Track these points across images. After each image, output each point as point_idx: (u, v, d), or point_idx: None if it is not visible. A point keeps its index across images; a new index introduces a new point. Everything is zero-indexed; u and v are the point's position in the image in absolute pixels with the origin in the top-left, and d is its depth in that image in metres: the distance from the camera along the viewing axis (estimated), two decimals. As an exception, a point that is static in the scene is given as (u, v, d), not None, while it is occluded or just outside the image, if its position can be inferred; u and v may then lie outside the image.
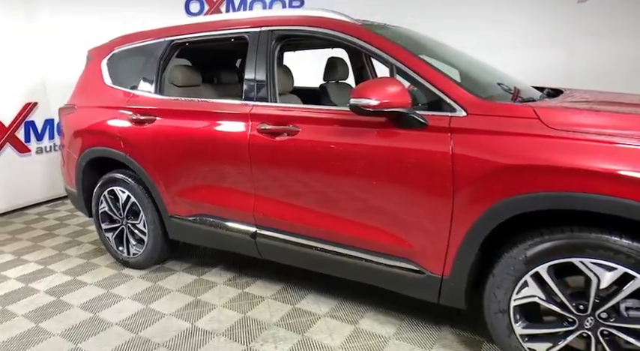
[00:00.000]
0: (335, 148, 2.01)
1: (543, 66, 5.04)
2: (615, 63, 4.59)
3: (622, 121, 1.55)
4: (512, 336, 1.76)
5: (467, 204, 1.73)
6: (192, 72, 3.01)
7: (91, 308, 2.60)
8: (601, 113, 1.65)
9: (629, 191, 1.42)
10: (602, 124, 1.54)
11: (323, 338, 2.19)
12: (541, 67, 5.04)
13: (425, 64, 1.90)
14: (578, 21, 4.77)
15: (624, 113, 1.63)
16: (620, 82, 4.45)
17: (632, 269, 1.48)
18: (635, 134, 1.46)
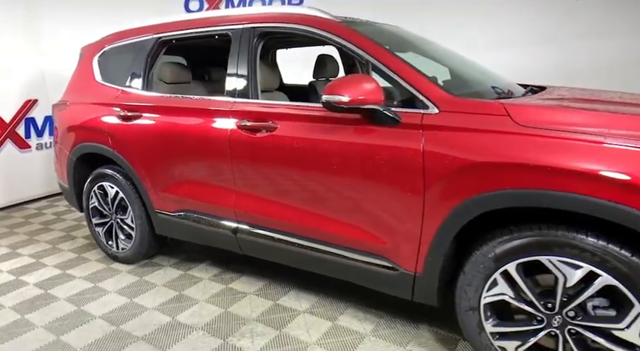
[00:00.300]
0: (311, 145, 2.02)
1: (543, 64, 5.00)
2: (614, 62, 4.54)
3: (589, 118, 1.54)
4: (482, 334, 1.76)
5: (437, 201, 1.73)
6: (181, 69, 3.04)
7: (76, 301, 2.64)
8: (569, 111, 1.64)
9: (594, 189, 1.41)
10: (570, 122, 1.53)
11: (300, 334, 2.20)
12: (541, 65, 5.00)
13: (400, 61, 1.90)
14: (577, 19, 4.71)
15: (592, 110, 1.62)
16: (620, 80, 4.41)
17: (597, 267, 1.47)
18: (601, 132, 1.45)
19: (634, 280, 1.41)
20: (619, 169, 1.38)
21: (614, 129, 1.45)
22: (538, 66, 5.04)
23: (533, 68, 5.02)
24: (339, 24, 2.09)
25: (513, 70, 5.05)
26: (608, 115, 1.57)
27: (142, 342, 2.19)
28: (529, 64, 4.99)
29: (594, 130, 1.46)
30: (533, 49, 5.00)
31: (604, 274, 1.46)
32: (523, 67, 4.86)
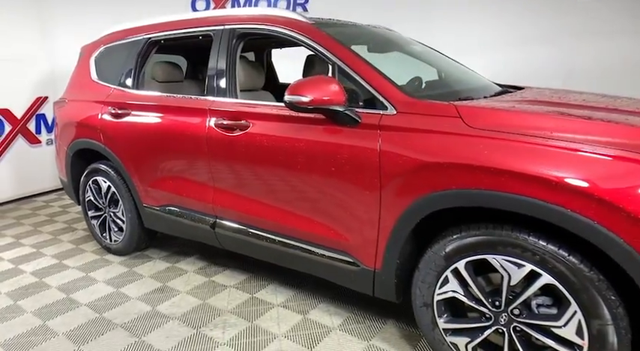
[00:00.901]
0: (279, 144, 2.09)
1: (540, 64, 4.96)
2: (613, 61, 4.47)
3: (536, 121, 1.56)
4: (436, 329, 1.80)
5: (392, 199, 1.78)
6: (173, 68, 3.14)
7: (66, 289, 2.78)
8: (518, 113, 1.66)
9: (532, 190, 1.44)
10: (517, 124, 1.56)
11: (270, 326, 2.28)
12: (538, 65, 4.96)
13: (363, 64, 1.95)
14: (576, 18, 4.65)
15: (542, 113, 1.64)
16: (619, 80, 4.34)
17: (538, 267, 1.50)
18: (545, 134, 1.48)
19: (571, 280, 1.44)
20: (557, 171, 1.40)
21: (559, 132, 1.47)
22: (539, 65, 5.00)
23: (535, 67, 4.98)
24: (310, 26, 2.16)
25: (512, 70, 5.05)
26: (555, 118, 1.59)
27: (121, 329, 2.30)
28: (530, 63, 4.95)
29: (539, 133, 1.49)
30: (532, 49, 4.96)
31: (544, 273, 1.49)
32: (525, 66, 4.82)
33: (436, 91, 2.31)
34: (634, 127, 1.47)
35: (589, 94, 2.18)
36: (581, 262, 1.43)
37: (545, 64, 4.92)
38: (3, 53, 4.77)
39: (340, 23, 2.50)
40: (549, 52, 4.87)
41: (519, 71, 5.08)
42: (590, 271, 1.42)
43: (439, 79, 2.75)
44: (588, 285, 1.41)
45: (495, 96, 2.17)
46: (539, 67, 4.95)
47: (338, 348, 2.07)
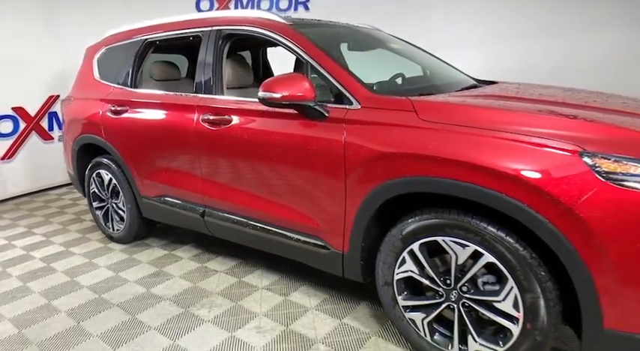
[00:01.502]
0: (258, 137, 2.27)
1: (537, 58, 5.03)
2: (610, 54, 4.52)
3: (477, 114, 1.70)
4: (396, 307, 1.96)
5: (355, 187, 1.94)
6: (169, 67, 3.34)
7: (71, 273, 3.01)
8: (463, 107, 1.80)
9: (475, 177, 1.58)
10: (462, 117, 1.70)
11: (252, 306, 2.46)
12: (534, 60, 5.03)
13: (333, 62, 2.11)
14: (572, 13, 4.71)
15: (482, 107, 1.77)
16: (616, 73, 4.40)
17: (480, 247, 1.64)
18: (484, 126, 1.62)
19: (508, 258, 1.58)
20: (492, 159, 1.54)
21: (496, 124, 1.61)
22: (532, 60, 5.07)
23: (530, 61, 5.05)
24: (286, 26, 2.32)
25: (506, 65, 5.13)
26: (495, 111, 1.72)
27: (116, 308, 2.51)
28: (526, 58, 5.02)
29: (479, 125, 1.63)
30: (529, 43, 5.03)
31: (485, 252, 1.63)
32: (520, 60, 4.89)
33: (410, 86, 2.47)
34: (565, 119, 1.59)
35: (555, 89, 2.29)
36: (516, 242, 1.57)
37: (544, 58, 4.98)
38: (18, 55, 5.05)
39: (319, 23, 2.66)
40: (548, 47, 4.92)
41: (521, 65, 5.15)
42: (524, 250, 1.56)
43: (423, 75, 2.90)
44: (522, 262, 1.55)
45: (462, 90, 2.30)
46: (538, 62, 5.03)
47: (311, 325, 2.24)
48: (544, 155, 1.48)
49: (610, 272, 1.40)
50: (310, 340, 2.13)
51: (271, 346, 2.08)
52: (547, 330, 1.57)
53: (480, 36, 5.31)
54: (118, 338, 2.21)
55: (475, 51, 5.35)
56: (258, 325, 2.27)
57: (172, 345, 2.14)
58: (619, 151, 1.41)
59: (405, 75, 3.01)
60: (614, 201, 1.37)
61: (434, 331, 1.87)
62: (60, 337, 2.25)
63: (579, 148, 1.44)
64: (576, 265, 1.45)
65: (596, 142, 1.45)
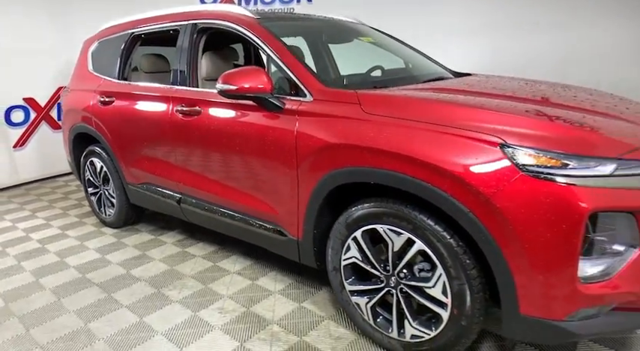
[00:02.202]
0: (222, 127, 2.37)
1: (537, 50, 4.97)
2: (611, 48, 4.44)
3: (413, 107, 1.75)
4: (343, 291, 2.04)
5: (306, 177, 2.02)
6: (158, 59, 3.47)
7: (61, 254, 3.20)
8: (402, 100, 1.85)
9: (405, 167, 1.64)
10: (398, 110, 1.75)
11: (220, 289, 2.58)
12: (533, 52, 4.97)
13: (291, 56, 2.18)
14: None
15: (419, 100, 1.82)
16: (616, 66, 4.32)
17: (413, 235, 1.70)
18: (417, 118, 1.67)
19: (437, 246, 1.64)
20: (421, 150, 1.60)
21: (429, 116, 1.66)
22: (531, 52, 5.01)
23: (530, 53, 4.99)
24: (252, 20, 2.40)
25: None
26: (430, 104, 1.77)
27: (96, 287, 2.68)
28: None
29: (413, 117, 1.68)
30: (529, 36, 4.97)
31: (417, 240, 1.70)
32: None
33: (370, 79, 2.52)
34: (492, 112, 1.63)
35: (517, 82, 2.31)
36: (444, 231, 1.62)
37: (547, 50, 4.92)
38: (29, 47, 5.29)
39: (290, 17, 2.73)
40: (550, 38, 4.86)
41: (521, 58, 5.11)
42: (450, 238, 1.61)
43: (405, 67, 2.96)
44: (449, 250, 1.61)
45: (424, 83, 2.35)
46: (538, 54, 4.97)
47: (271, 308, 2.35)
48: (468, 147, 1.53)
49: (523, 261, 1.45)
50: (266, 320, 2.23)
51: (229, 326, 2.20)
52: (472, 315, 1.63)
53: (478, 26, 5.28)
54: (91, 314, 2.37)
55: (474, 41, 5.32)
56: (221, 307, 2.39)
57: (139, 322, 2.28)
58: (537, 144, 1.45)
59: (384, 67, 3.08)
60: (529, 192, 1.41)
61: (377, 315, 1.95)
62: (40, 311, 2.43)
63: (501, 140, 1.48)
64: (494, 254, 1.50)
65: (517, 135, 1.49)
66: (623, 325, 1.52)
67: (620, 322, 1.50)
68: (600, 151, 1.43)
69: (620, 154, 1.43)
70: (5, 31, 5.09)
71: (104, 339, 2.13)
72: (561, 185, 1.37)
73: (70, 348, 2.08)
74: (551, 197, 1.38)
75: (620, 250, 1.44)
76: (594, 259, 1.44)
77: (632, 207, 1.39)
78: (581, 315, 1.46)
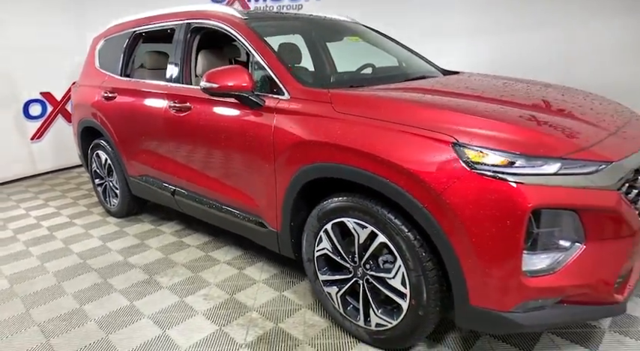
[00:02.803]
0: (209, 123, 2.49)
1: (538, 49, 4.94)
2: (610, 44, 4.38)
3: (378, 106, 1.82)
4: (317, 281, 2.14)
5: (282, 171, 2.12)
6: (160, 56, 3.61)
7: (67, 241, 3.39)
8: (369, 99, 1.92)
9: (367, 164, 1.73)
10: (364, 109, 1.83)
11: (208, 277, 2.71)
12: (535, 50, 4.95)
13: (273, 56, 2.28)
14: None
15: (384, 99, 1.88)
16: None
17: (376, 228, 1.79)
18: (381, 117, 1.75)
19: (396, 239, 1.72)
20: (382, 148, 1.68)
21: (392, 116, 1.73)
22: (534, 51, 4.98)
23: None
24: (239, 20, 2.50)
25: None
26: (394, 103, 1.83)
27: (94, 272, 2.85)
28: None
29: (377, 116, 1.76)
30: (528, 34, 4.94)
31: (379, 233, 1.78)
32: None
33: (347, 78, 2.59)
34: (449, 112, 1.69)
35: (495, 82, 2.35)
36: (402, 224, 1.70)
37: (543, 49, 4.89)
38: (47, 43, 5.55)
39: (282, 16, 2.82)
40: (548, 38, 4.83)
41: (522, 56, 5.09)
42: (409, 232, 1.69)
43: (391, 65, 3.02)
44: (408, 243, 1.69)
45: (404, 81, 2.41)
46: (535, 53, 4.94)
47: (253, 296, 2.47)
48: (424, 146, 1.60)
49: (472, 254, 1.51)
50: (247, 307, 2.35)
51: (211, 311, 2.33)
52: (427, 306, 1.70)
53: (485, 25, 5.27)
54: (87, 297, 2.53)
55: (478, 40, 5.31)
56: (207, 293, 2.52)
57: (129, 305, 2.43)
58: (486, 143, 1.51)
59: (375, 65, 3.15)
60: (476, 189, 1.48)
61: (347, 304, 2.04)
62: (41, 292, 2.61)
63: (454, 139, 1.55)
64: (446, 247, 1.57)
65: (469, 134, 1.55)
66: (568, 317, 1.57)
67: (565, 315, 1.56)
68: (547, 150, 1.48)
69: (566, 154, 1.48)
70: (24, 30, 5.34)
71: (95, 320, 2.29)
72: (506, 183, 1.44)
73: (64, 327, 2.24)
74: (497, 194, 1.44)
75: (564, 246, 1.50)
76: (539, 253, 1.49)
77: (575, 205, 1.45)
78: (527, 307, 1.52)
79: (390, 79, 2.46)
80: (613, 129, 1.71)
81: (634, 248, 1.56)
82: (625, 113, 1.97)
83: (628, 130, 1.74)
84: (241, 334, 2.12)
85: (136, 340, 2.10)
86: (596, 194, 1.46)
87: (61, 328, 2.23)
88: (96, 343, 2.09)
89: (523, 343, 1.93)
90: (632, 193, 1.57)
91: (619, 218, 1.49)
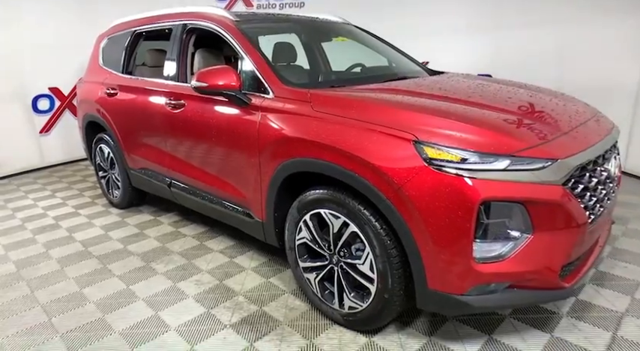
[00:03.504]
0: (201, 119, 2.65)
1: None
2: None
3: (349, 106, 1.96)
4: (298, 268, 2.30)
5: (266, 165, 2.27)
6: (159, 54, 3.77)
7: (71, 230, 3.59)
8: (341, 99, 2.06)
9: (338, 159, 1.87)
10: (337, 108, 1.98)
11: (201, 264, 2.89)
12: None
13: (260, 57, 2.43)
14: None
15: (358, 100, 2.02)
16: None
17: (348, 218, 1.94)
18: (352, 116, 1.89)
19: (365, 228, 1.87)
20: (350, 144, 1.83)
21: (360, 115, 1.88)
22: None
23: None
24: (230, 22, 2.65)
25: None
26: (368, 105, 1.96)
27: (95, 259, 3.04)
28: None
29: (348, 115, 1.91)
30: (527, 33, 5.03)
31: (351, 223, 1.93)
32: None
33: (329, 78, 2.73)
34: (413, 113, 1.83)
35: (468, 83, 2.49)
36: (371, 215, 1.85)
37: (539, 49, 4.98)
38: (56, 39, 5.73)
39: (273, 18, 2.97)
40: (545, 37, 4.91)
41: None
42: (376, 221, 1.84)
43: (375, 66, 3.16)
44: (375, 232, 1.83)
45: (384, 82, 2.55)
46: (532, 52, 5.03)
47: (241, 282, 2.64)
48: (389, 143, 1.75)
49: (429, 242, 1.66)
50: (235, 292, 2.52)
51: (201, 295, 2.50)
52: (392, 289, 1.85)
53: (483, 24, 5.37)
54: (87, 281, 2.72)
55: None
56: (198, 279, 2.69)
57: (125, 289, 2.61)
58: (442, 141, 1.65)
59: (365, 65, 3.29)
60: (432, 183, 1.62)
61: (324, 288, 2.20)
62: (45, 277, 2.80)
63: (414, 137, 1.69)
64: (407, 236, 1.72)
65: (428, 133, 1.69)
66: (518, 300, 1.72)
67: (515, 298, 1.70)
68: (497, 148, 1.62)
69: (515, 151, 1.61)
70: (34, 27, 5.54)
71: (94, 302, 2.47)
72: (458, 178, 1.58)
73: (65, 307, 2.42)
74: (450, 188, 1.59)
75: (514, 236, 1.64)
76: (489, 242, 1.64)
77: (522, 198, 1.58)
78: (478, 291, 1.67)
79: (372, 80, 2.60)
80: (566, 129, 1.84)
81: (579, 239, 1.70)
82: (585, 114, 2.09)
83: (581, 130, 1.87)
84: (227, 316, 2.28)
85: (129, 320, 2.28)
86: (542, 189, 1.60)
87: (61, 308, 2.41)
88: (93, 322, 2.27)
89: (485, 327, 2.08)
90: (578, 189, 1.70)
91: (564, 211, 1.62)
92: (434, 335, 2.06)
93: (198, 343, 2.07)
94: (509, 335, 2.01)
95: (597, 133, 1.91)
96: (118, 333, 2.17)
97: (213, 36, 2.93)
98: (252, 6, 6.65)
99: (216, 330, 2.17)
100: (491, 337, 2.01)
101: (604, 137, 1.91)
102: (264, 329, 2.16)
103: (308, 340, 2.07)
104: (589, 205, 1.75)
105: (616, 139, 2.08)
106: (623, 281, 2.43)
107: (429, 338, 2.04)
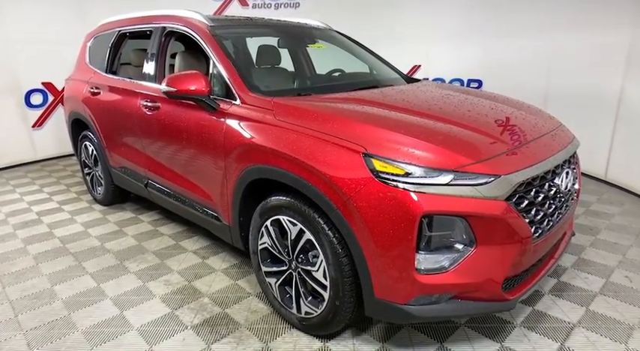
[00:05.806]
0: (173, 122, 2.69)
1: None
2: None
3: (307, 116, 2.00)
4: (260, 272, 2.34)
5: (231, 169, 2.31)
6: (141, 56, 3.80)
7: (52, 226, 3.65)
8: (301, 109, 2.08)
9: (293, 168, 1.91)
10: (295, 118, 2.01)
11: (173, 264, 2.93)
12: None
13: (228, 62, 2.46)
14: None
15: (315, 111, 2.04)
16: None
17: (303, 226, 1.98)
18: (307, 126, 1.93)
19: (319, 236, 1.90)
20: (305, 154, 1.86)
21: (315, 125, 1.91)
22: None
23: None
24: (203, 27, 2.68)
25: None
26: (325, 116, 1.97)
27: (70, 256, 3.09)
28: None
29: (304, 125, 1.95)
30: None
31: (306, 230, 1.97)
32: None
33: (297, 86, 2.77)
34: (365, 125, 1.86)
35: (432, 94, 2.51)
36: (325, 223, 1.89)
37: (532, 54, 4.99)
38: (50, 36, 5.79)
39: (250, 23, 3.01)
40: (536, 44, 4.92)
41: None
42: (329, 230, 1.87)
43: (369, 71, 3.21)
44: (328, 240, 1.87)
45: (354, 90, 2.57)
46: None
47: (209, 283, 2.68)
48: (341, 154, 1.78)
49: (375, 252, 1.70)
50: (201, 293, 2.57)
51: (168, 296, 2.55)
52: (343, 297, 1.89)
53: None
54: (59, 278, 2.77)
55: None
56: (167, 279, 2.74)
57: (96, 287, 2.66)
58: (389, 155, 1.68)
59: (344, 70, 3.33)
60: (378, 195, 1.65)
61: (285, 293, 2.24)
62: (18, 273, 2.86)
63: (364, 149, 1.73)
64: (355, 245, 1.76)
65: (377, 146, 1.72)
66: (462, 311, 1.75)
67: (459, 309, 1.73)
68: (442, 163, 1.65)
69: (459, 166, 1.64)
70: (28, 22, 5.59)
71: (62, 299, 2.53)
72: (402, 191, 1.61)
73: (33, 304, 2.48)
74: (394, 200, 1.62)
75: (457, 248, 1.67)
76: (432, 254, 1.67)
77: (464, 212, 1.62)
78: (422, 301, 1.71)
79: (344, 88, 2.63)
80: (517, 144, 1.86)
81: (523, 253, 1.73)
82: (543, 128, 2.12)
83: (532, 146, 1.89)
84: (189, 317, 2.33)
85: (94, 318, 2.33)
86: (484, 203, 1.63)
87: (30, 305, 2.47)
88: (58, 319, 2.33)
89: (438, 335, 2.12)
90: (523, 204, 1.73)
91: (506, 226, 1.65)
92: (387, 342, 2.09)
93: (157, 343, 2.12)
94: (461, 344, 2.05)
95: (549, 149, 1.94)
96: (80, 331, 2.22)
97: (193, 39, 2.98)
98: (247, 5, 6.68)
99: (177, 331, 2.22)
100: (442, 345, 2.05)
101: (556, 153, 1.94)
102: (224, 331, 2.21)
103: (264, 343, 2.11)
104: (535, 220, 1.78)
105: (572, 153, 2.10)
106: (582, 292, 2.46)
107: (382, 345, 2.08)
